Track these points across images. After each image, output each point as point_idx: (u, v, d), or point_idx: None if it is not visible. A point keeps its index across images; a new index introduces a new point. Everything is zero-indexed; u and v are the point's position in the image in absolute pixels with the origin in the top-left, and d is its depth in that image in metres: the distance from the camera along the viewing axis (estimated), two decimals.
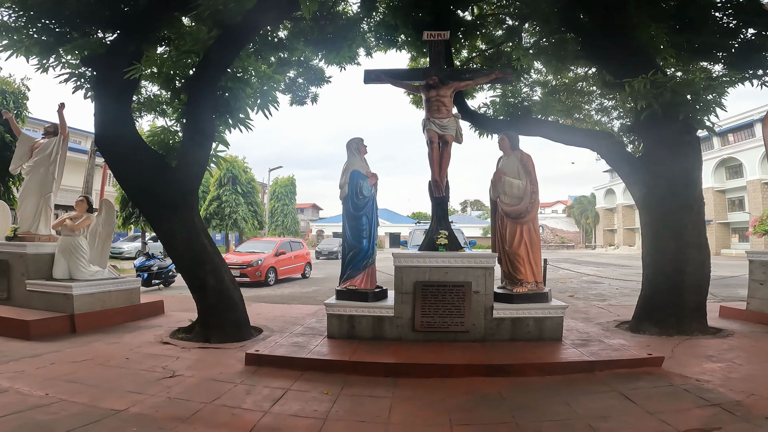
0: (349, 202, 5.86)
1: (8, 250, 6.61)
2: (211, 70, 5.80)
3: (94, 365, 4.62)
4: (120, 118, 6.09)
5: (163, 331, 6.29)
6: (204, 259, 6.00)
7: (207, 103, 5.89)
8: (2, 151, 11.52)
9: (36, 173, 7.04)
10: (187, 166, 5.91)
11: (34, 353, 4.96)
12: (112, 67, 6.10)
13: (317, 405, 3.73)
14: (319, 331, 5.92)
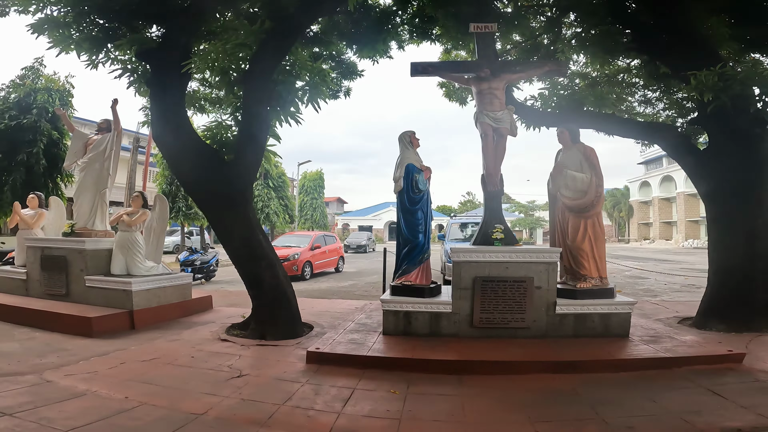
0: (405, 196, 5.77)
1: (67, 246, 6.71)
2: (265, 62, 5.75)
3: (162, 364, 4.62)
4: (174, 113, 6.11)
5: (218, 328, 6.29)
6: (260, 254, 5.97)
7: (262, 96, 5.85)
8: (50, 148, 11.80)
9: (91, 169, 7.15)
10: (243, 160, 5.89)
11: (100, 351, 4.99)
12: (164, 61, 6.15)
13: (387, 404, 3.67)
14: (371, 328, 5.85)
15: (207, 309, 7.75)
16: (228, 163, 5.94)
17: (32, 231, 7.32)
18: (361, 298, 10.13)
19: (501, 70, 6.09)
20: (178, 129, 6.06)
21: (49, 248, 6.81)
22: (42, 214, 7.44)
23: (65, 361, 4.54)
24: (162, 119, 6.10)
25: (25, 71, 12.33)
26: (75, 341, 5.40)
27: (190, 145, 6.00)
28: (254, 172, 6.10)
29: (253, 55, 5.81)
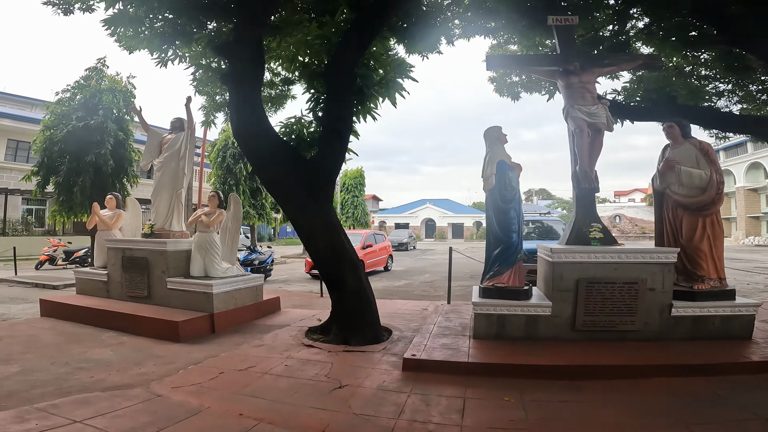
0: (497, 194, 5.49)
1: (148, 248, 6.67)
2: (347, 55, 5.52)
3: (260, 374, 4.42)
4: (252, 109, 5.97)
5: (296, 332, 6.11)
6: (344, 257, 5.77)
7: (345, 90, 5.61)
8: (117, 149, 11.95)
9: (167, 169, 7.10)
10: (326, 157, 5.69)
11: (193, 359, 4.85)
12: (239, 56, 6.02)
13: (507, 413, 3.49)
14: (456, 331, 5.62)
15: (275, 310, 7.62)
16: (309, 159, 5.74)
17: (111, 232, 7.35)
18: (422, 298, 9.93)
19: (590, 64, 5.85)
20: (258, 125, 5.91)
21: (130, 249, 6.79)
22: (120, 214, 7.46)
23: (164, 371, 4.42)
24: (241, 116, 5.95)
25: (88, 72, 12.43)
26: (164, 346, 5.32)
27: (269, 141, 5.85)
28: (337, 169, 5.89)
29: (335, 47, 5.58)
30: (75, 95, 12.01)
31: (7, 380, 3.86)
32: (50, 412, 3.19)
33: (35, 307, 7.53)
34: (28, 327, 5.89)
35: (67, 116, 11.71)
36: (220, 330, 6.15)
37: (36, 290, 9.75)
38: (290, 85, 10.31)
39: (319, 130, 6.06)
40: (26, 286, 10.23)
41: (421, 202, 62.88)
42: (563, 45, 5.96)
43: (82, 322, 6.23)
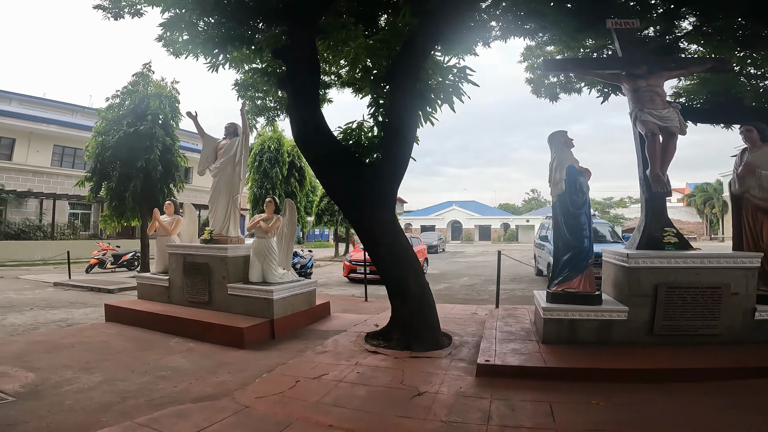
0: (567, 199, 5.42)
1: (209, 253, 6.75)
2: (413, 59, 5.46)
3: (335, 382, 4.37)
4: (312, 114, 6.00)
5: (355, 337, 6.07)
6: (407, 262, 5.73)
7: (410, 95, 5.56)
8: (164, 154, 12.21)
9: (223, 174, 7.17)
10: (390, 161, 5.64)
11: (264, 366, 4.85)
12: (297, 60, 6.05)
13: (600, 416, 3.48)
14: (520, 336, 5.57)
15: (326, 315, 7.60)
16: (371, 164, 5.71)
17: (171, 237, 7.48)
18: (466, 302, 9.86)
19: (658, 67, 5.76)
20: (318, 129, 5.93)
21: (192, 255, 6.89)
22: (179, 220, 7.59)
23: (240, 379, 4.42)
24: (301, 120, 5.97)
25: (135, 77, 12.67)
26: (231, 353, 5.33)
27: (329, 146, 5.86)
28: (401, 174, 5.83)
29: (399, 51, 5.54)
30: (124, 101, 12.28)
31: (95, 390, 3.92)
32: (153, 427, 3.21)
33: (97, 312, 7.75)
34: (96, 333, 6.01)
35: (118, 122, 12.00)
36: (279, 336, 6.16)
37: (91, 294, 10.02)
38: (326, 89, 10.39)
39: (380, 134, 6.02)
40: (82, 289, 10.52)
41: (447, 204, 62.51)
42: (625, 48, 5.94)
43: (148, 327, 6.33)
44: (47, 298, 9.11)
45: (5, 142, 20.25)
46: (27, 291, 10.10)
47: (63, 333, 5.94)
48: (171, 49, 9.08)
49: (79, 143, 22.70)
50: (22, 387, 3.85)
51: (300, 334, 6.29)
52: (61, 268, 16.06)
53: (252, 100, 10.14)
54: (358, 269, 13.85)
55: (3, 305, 8.11)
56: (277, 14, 6.14)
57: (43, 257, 17.85)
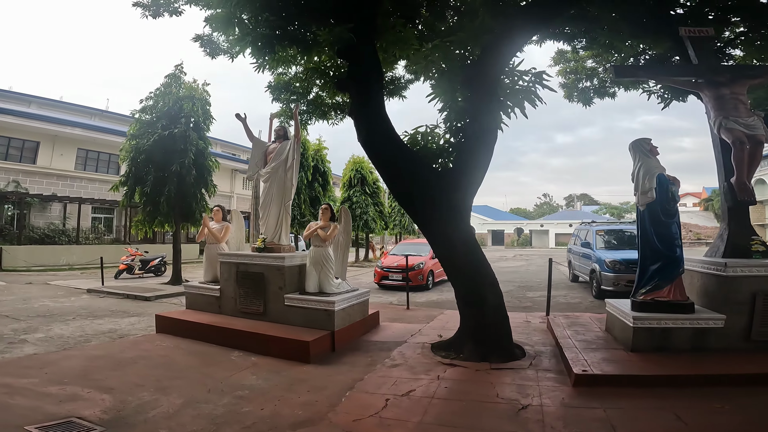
0: (658, 207, 5.33)
1: (264, 263, 6.47)
2: (495, 63, 5.20)
3: (426, 398, 4.15)
4: (379, 117, 5.77)
5: (420, 349, 5.83)
6: (484, 272, 5.51)
7: (491, 100, 5.27)
8: (198, 158, 11.99)
9: (274, 180, 6.91)
10: (467, 168, 5.37)
11: (340, 383, 4.57)
12: (361, 60, 5.82)
13: (730, 418, 3.51)
14: (601, 344, 5.52)
15: (376, 325, 7.33)
16: (447, 171, 5.43)
17: (220, 245, 7.21)
18: (511, 309, 8.98)
19: (739, 75, 5.72)
20: (387, 134, 5.68)
21: (245, 264, 6.61)
22: (228, 227, 7.33)
23: (324, 398, 4.14)
24: (368, 124, 5.72)
25: (168, 79, 12.41)
26: (299, 368, 5.07)
27: (400, 152, 5.61)
28: (478, 182, 5.53)
29: (479, 55, 5.27)
30: (157, 103, 12.06)
31: (182, 416, 3.63)
32: None
33: (143, 321, 7.51)
34: (152, 346, 5.75)
35: (152, 125, 11.76)
36: (339, 348, 5.90)
37: (128, 301, 9.79)
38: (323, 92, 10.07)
39: (456, 140, 5.73)
40: (118, 297, 10.29)
41: None
42: (701, 56, 5.85)
43: (202, 339, 6.05)
44: (86, 307, 8.88)
45: (29, 145, 20.17)
46: (62, 298, 9.88)
47: (119, 346, 5.69)
48: (207, 49, 8.97)
49: (102, 147, 22.70)
50: (104, 412, 3.57)
51: (358, 346, 6.05)
52: (88, 273, 15.94)
53: (286, 103, 9.94)
54: (390, 276, 13.59)
55: (43, 314, 7.89)
56: (336, 12, 5.89)
57: (69, 262, 17.72)
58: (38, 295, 10.14)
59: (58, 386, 4.04)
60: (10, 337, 6.09)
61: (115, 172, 23.59)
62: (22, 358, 4.98)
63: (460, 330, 5.78)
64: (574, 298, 10.96)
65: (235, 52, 8.53)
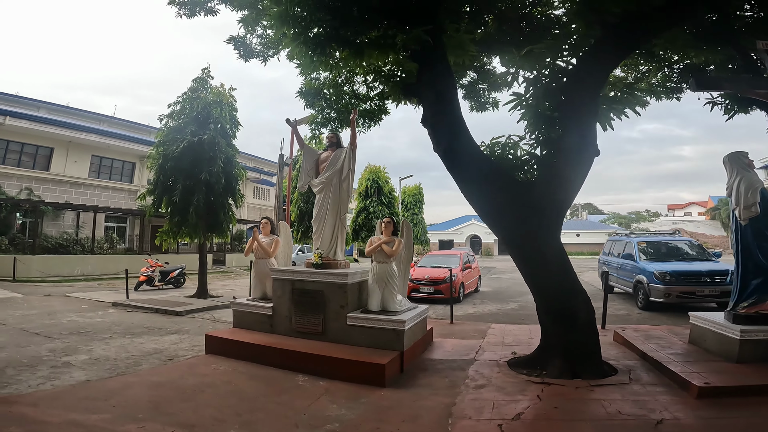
0: (762, 223, 5.20)
1: (324, 280, 6.02)
2: (597, 72, 4.85)
3: (543, 420, 3.98)
4: (456, 126, 5.41)
5: (496, 367, 5.52)
6: (577, 288, 5.23)
7: (590, 111, 4.92)
8: (226, 166, 11.56)
9: (329, 190, 6.50)
10: (562, 181, 4.99)
11: (430, 409, 4.20)
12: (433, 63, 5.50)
13: None
14: (694, 357, 5.46)
15: (430, 342, 6.94)
16: (537, 184, 5.06)
17: (270, 260, 6.77)
18: None
19: None
20: (469, 144, 5.33)
21: (302, 281, 6.16)
22: (277, 240, 6.89)
23: (427, 430, 3.76)
24: (448, 133, 5.37)
25: (195, 83, 11.97)
26: (377, 393, 4.67)
27: (484, 164, 5.25)
28: (573, 195, 5.16)
29: (578, 62, 4.93)
30: (185, 107, 11.65)
31: None
32: None
33: (186, 340, 7.07)
34: (209, 370, 5.28)
35: (181, 130, 11.32)
36: (406, 369, 5.49)
37: (159, 316, 9.32)
38: (385, 100, 9.83)
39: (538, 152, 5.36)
40: (146, 311, 9.81)
41: (466, 219, 61.74)
42: None
43: (258, 361, 5.59)
44: (118, 322, 8.41)
45: (43, 152, 19.75)
46: (89, 313, 9.40)
47: (176, 371, 5.22)
48: (241, 51, 8.70)
49: (116, 154, 22.30)
50: None
51: (424, 366, 5.69)
52: (105, 284, 15.46)
53: (321, 110, 9.59)
54: (420, 288, 13.16)
55: (76, 332, 7.41)
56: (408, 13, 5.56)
57: (83, 272, 17.23)
58: (62, 309, 9.66)
59: (135, 423, 3.58)
60: (51, 359, 5.62)
61: (129, 180, 23.20)
62: (77, 387, 4.50)
63: (542, 347, 5.51)
64: (619, 309, 10.60)
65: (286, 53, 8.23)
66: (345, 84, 8.79)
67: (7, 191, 18.15)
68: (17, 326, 7.71)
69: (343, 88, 9.15)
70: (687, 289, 9.92)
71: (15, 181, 18.59)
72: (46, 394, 4.22)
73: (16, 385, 4.49)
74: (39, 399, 4.08)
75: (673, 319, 9.07)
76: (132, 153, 22.72)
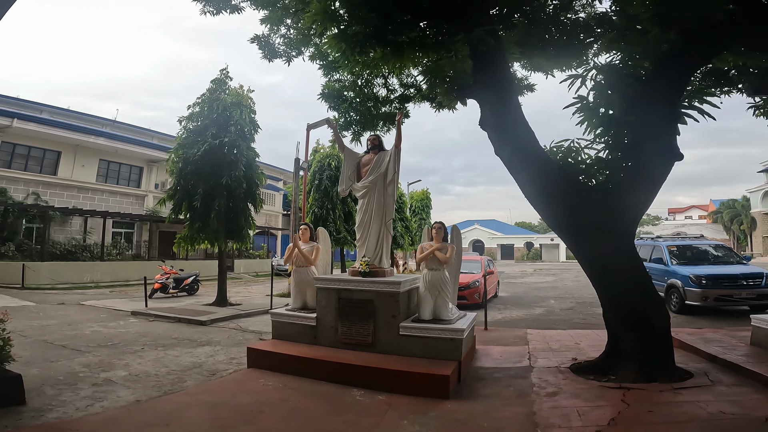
0: None
1: (374, 289, 5.71)
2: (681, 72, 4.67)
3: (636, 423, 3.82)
4: (523, 129, 5.18)
5: (558, 374, 5.35)
6: (652, 293, 5.10)
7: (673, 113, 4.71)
8: (247, 170, 11.24)
9: (372, 195, 6.21)
10: (639, 184, 4.76)
11: (513, 420, 3.98)
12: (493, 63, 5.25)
13: None
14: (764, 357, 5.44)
15: (474, 350, 6.66)
16: (611, 188, 4.82)
17: (311, 268, 6.46)
18: (591, 326, 9.00)
19: None
20: (533, 148, 5.08)
21: (349, 290, 5.86)
22: (318, 248, 6.57)
23: None
24: (512, 136, 5.15)
25: (213, 84, 11.64)
26: (442, 406, 4.42)
27: (549, 168, 5.00)
28: (650, 201, 4.94)
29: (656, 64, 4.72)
30: (203, 109, 11.32)
31: None
32: None
33: (220, 353, 6.74)
34: (260, 387, 4.93)
35: (201, 133, 11.01)
36: (462, 379, 5.25)
37: (184, 326, 8.97)
38: (407, 102, 9.60)
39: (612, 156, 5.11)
40: (169, 320, 9.46)
41: (469, 223, 61.63)
42: None
43: (305, 375, 5.27)
44: (144, 333, 8.06)
45: (50, 156, 19.36)
46: (110, 323, 9.05)
47: (225, 389, 4.87)
48: (265, 51, 8.50)
49: (124, 158, 21.94)
50: None
51: (478, 375, 5.48)
52: (117, 291, 15.09)
53: (345, 113, 9.37)
54: None
55: (104, 344, 7.05)
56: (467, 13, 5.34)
57: (93, 279, 16.82)
58: (81, 319, 9.30)
59: None
60: (89, 376, 5.26)
61: (136, 184, 22.84)
62: (131, 410, 4.14)
63: (608, 353, 5.38)
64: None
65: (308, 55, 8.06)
66: (366, 87, 8.63)
67: (14, 196, 17.75)
68: (39, 338, 7.35)
69: (365, 90, 8.97)
70: (724, 293, 9.81)
71: (22, 186, 18.18)
72: (100, 419, 3.87)
73: (63, 407, 4.14)
74: (95, 425, 3.73)
75: (711, 322, 8.90)
76: (139, 157, 22.36)
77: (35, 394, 4.41)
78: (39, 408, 4.08)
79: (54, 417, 3.90)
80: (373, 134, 6.79)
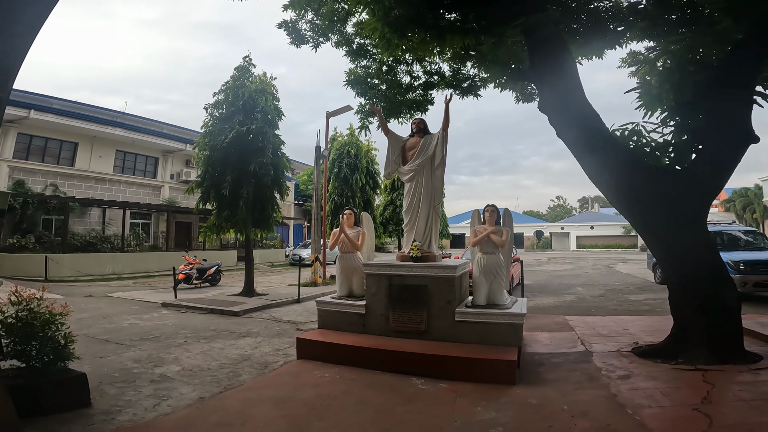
0: None
1: (429, 274, 5.57)
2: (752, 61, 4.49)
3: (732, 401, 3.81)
4: (588, 112, 4.99)
5: (621, 357, 5.31)
6: (724, 276, 5.01)
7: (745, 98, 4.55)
8: (274, 158, 11.06)
9: (420, 178, 6.04)
10: (714, 166, 4.70)
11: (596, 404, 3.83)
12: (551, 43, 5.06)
13: None
14: None
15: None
16: (682, 169, 4.67)
17: (357, 254, 6.30)
18: (632, 312, 9.12)
19: None
20: (601, 131, 4.89)
21: (401, 276, 5.71)
22: (363, 233, 6.40)
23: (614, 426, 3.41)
24: (580, 121, 4.97)
25: (237, 71, 11.44)
26: (511, 392, 4.32)
27: (616, 150, 4.92)
28: (724, 181, 4.89)
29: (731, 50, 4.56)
30: (227, 97, 11.14)
31: None
32: None
33: (263, 344, 6.63)
34: (318, 379, 4.76)
35: (228, 119, 10.84)
36: (521, 365, 5.13)
37: (217, 317, 8.85)
38: (430, 89, 9.41)
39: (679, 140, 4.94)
40: (201, 311, 9.35)
41: None
42: None
43: (359, 365, 5.13)
44: (181, 325, 7.95)
45: (67, 147, 19.26)
46: (144, 315, 8.95)
47: (284, 383, 4.69)
48: (293, 36, 8.39)
49: (140, 149, 21.86)
50: None
51: (536, 360, 5.41)
52: (140, 282, 15.03)
53: (372, 99, 9.27)
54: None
55: (146, 337, 6.93)
56: None
57: (115, 270, 16.78)
58: (114, 312, 9.20)
59: None
60: (144, 372, 5.11)
61: (152, 175, 22.76)
62: (201, 409, 3.97)
63: (674, 335, 5.31)
64: None
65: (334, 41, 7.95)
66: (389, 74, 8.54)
67: (32, 188, 17.71)
68: (79, 332, 7.14)
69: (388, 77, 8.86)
70: (763, 278, 9.58)
71: (39, 177, 18.11)
72: (173, 421, 3.70)
73: (131, 408, 3.99)
74: (171, 429, 3.56)
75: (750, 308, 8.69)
76: (155, 148, 22.24)
77: (97, 393, 4.26)
78: (107, 410, 3.92)
79: (125, 420, 3.73)
80: (418, 118, 6.59)
